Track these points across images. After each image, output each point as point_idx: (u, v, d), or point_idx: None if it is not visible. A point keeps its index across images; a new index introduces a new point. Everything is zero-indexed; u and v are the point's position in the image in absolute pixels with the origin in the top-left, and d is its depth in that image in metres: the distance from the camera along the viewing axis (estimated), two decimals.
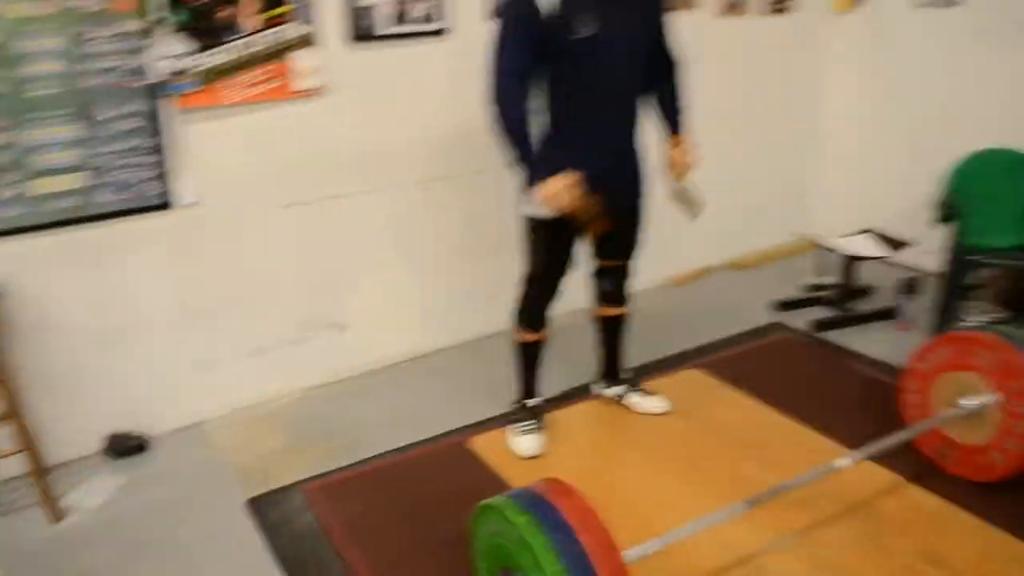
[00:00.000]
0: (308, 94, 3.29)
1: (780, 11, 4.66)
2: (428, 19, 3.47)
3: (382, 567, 2.46)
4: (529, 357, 3.10)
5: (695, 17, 4.26)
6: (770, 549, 2.50)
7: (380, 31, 3.36)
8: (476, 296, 3.95)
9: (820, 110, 5.10)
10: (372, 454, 3.05)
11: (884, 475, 2.83)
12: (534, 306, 3.00)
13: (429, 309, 3.87)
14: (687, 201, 2.93)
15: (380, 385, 3.63)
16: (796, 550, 2.50)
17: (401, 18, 3.40)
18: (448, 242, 3.82)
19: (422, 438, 3.15)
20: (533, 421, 3.07)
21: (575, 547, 1.79)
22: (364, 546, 2.55)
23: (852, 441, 2.82)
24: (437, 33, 3.51)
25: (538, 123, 2.70)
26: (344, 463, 3.00)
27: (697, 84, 3.03)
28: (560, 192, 2.55)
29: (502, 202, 3.78)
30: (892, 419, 2.96)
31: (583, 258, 3.02)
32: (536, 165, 2.60)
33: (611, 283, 3.12)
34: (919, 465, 2.88)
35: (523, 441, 3.01)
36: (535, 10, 2.51)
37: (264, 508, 2.77)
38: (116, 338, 3.12)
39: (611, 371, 3.33)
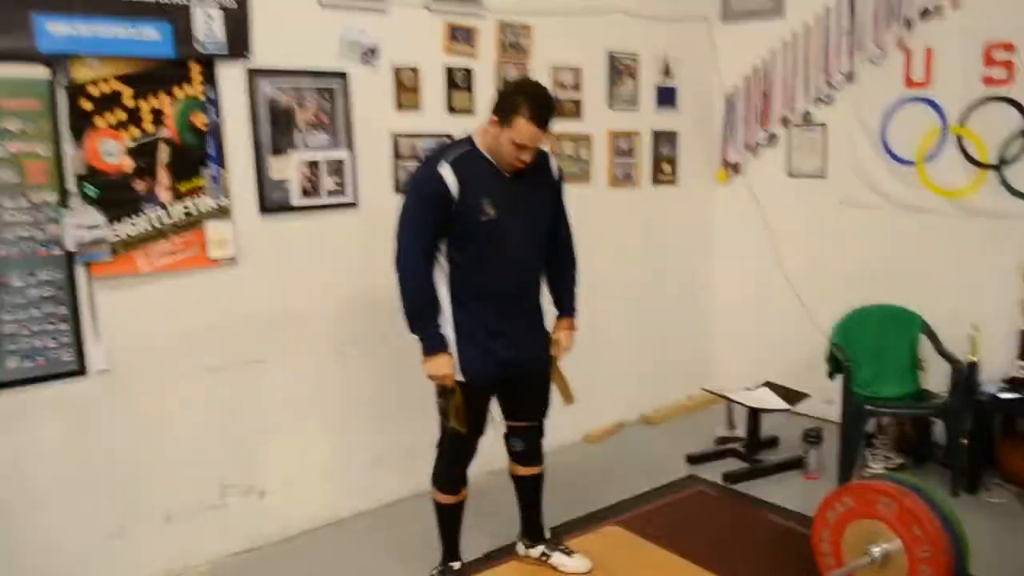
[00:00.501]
0: (222, 263, 3.32)
1: (666, 183, 5.01)
2: (338, 192, 3.59)
3: None
4: (449, 519, 3.10)
5: (590, 189, 4.54)
6: None
7: (292, 203, 3.46)
8: (394, 457, 3.94)
9: (712, 271, 5.43)
10: None
11: None
12: (450, 467, 3.05)
13: (347, 472, 3.82)
14: (563, 383, 3.12)
15: (299, 552, 3.53)
16: None
17: (312, 191, 3.52)
18: (364, 404, 3.83)
19: None
20: None
21: None
22: None
23: None
24: (346, 205, 3.63)
25: (440, 295, 2.86)
26: None
27: (598, 250, 3.23)
28: (442, 374, 2.78)
29: (415, 365, 3.83)
30: (808, 568, 3.02)
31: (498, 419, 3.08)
32: (426, 341, 2.79)
33: (523, 443, 3.18)
34: None
35: None
36: (441, 192, 2.71)
37: None
38: (20, 510, 2.96)
39: (532, 530, 3.33)
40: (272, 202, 3.42)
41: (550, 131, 2.77)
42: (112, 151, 3.04)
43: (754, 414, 4.40)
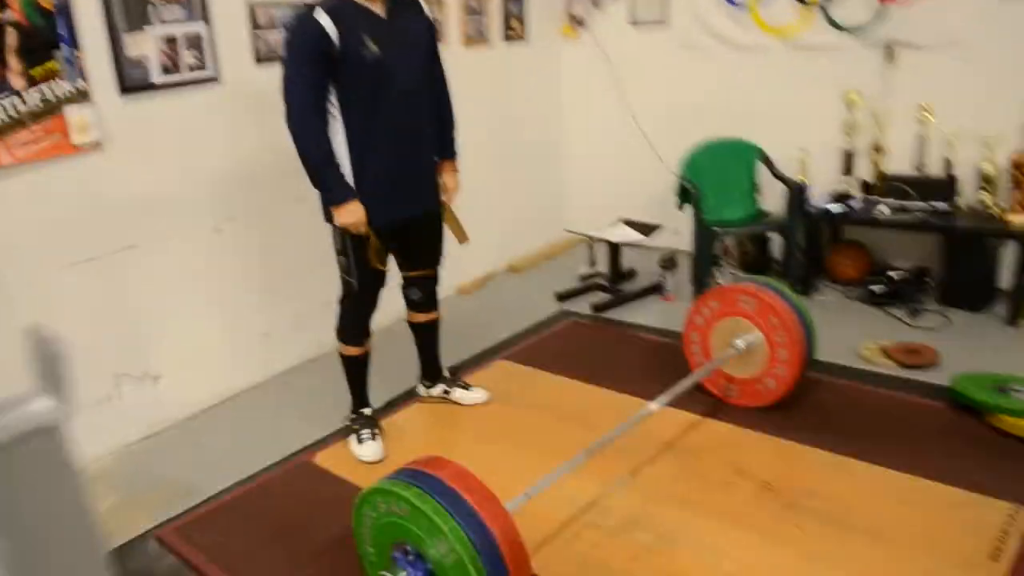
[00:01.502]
0: (87, 148, 3.21)
1: (516, 39, 5.13)
2: (198, 67, 3.50)
3: None
4: (356, 369, 3.24)
5: (445, 48, 4.59)
6: (610, 492, 2.83)
7: (153, 81, 3.36)
8: (283, 327, 4.02)
9: (564, 121, 5.66)
10: (217, 490, 3.04)
11: (686, 416, 3.28)
12: (354, 321, 3.17)
13: (239, 347, 3.88)
14: (456, 224, 3.26)
15: (204, 428, 3.59)
16: (631, 488, 2.85)
17: (172, 67, 3.41)
18: (247, 279, 3.85)
19: (265, 465, 3.18)
20: (370, 428, 3.21)
21: (464, 505, 1.99)
22: (236, 572, 2.57)
23: (653, 394, 3.17)
24: (208, 80, 3.55)
25: (337, 146, 2.88)
26: (190, 505, 2.97)
27: (456, 107, 3.32)
28: (355, 220, 2.83)
29: (294, 234, 3.92)
30: (680, 371, 3.40)
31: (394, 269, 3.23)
32: (335, 190, 2.82)
33: (420, 291, 3.34)
34: (711, 403, 3.37)
35: (365, 448, 3.14)
36: (321, 38, 2.70)
37: (118, 563, 2.70)
38: None
39: (432, 372, 3.55)
40: (132, 81, 3.29)
41: None
42: None
43: (614, 249, 4.76)
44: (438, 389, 3.55)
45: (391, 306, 3.45)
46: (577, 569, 2.46)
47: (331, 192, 2.84)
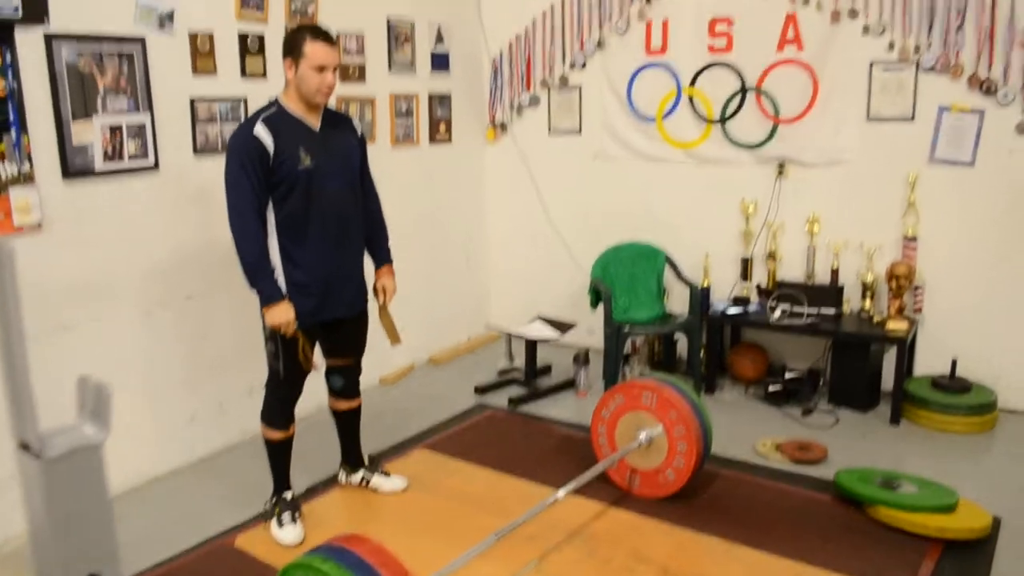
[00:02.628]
0: (28, 229, 3.33)
1: (442, 142, 5.45)
2: (140, 156, 3.68)
3: None
4: (279, 453, 3.37)
5: (375, 148, 4.87)
6: None
7: (95, 167, 3.52)
8: (208, 412, 4.10)
9: (486, 222, 5.96)
10: (136, 571, 3.08)
11: (591, 505, 3.47)
12: (279, 405, 3.31)
13: (164, 431, 3.93)
14: (391, 325, 3.49)
15: (126, 509, 3.57)
16: (538, 573, 3.00)
17: (114, 155, 3.58)
18: (175, 363, 3.95)
19: (185, 548, 3.23)
20: (291, 512, 3.30)
21: None
22: None
23: (563, 483, 3.38)
24: (149, 169, 3.73)
25: (272, 248, 3.11)
26: None
27: (383, 205, 3.57)
28: (283, 322, 3.04)
29: (222, 322, 4.05)
30: (589, 462, 3.61)
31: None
32: (266, 291, 3.04)
33: (342, 379, 3.51)
34: (616, 493, 3.57)
35: (285, 531, 3.24)
36: (258, 150, 2.98)
37: None
38: None
39: (353, 458, 3.68)
40: (75, 167, 3.46)
41: (338, 48, 3.10)
42: None
43: (531, 345, 4.99)
44: (358, 476, 3.67)
45: (316, 395, 3.60)
46: None
47: (262, 293, 3.04)
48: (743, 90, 4.89)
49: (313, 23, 3.07)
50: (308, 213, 3.10)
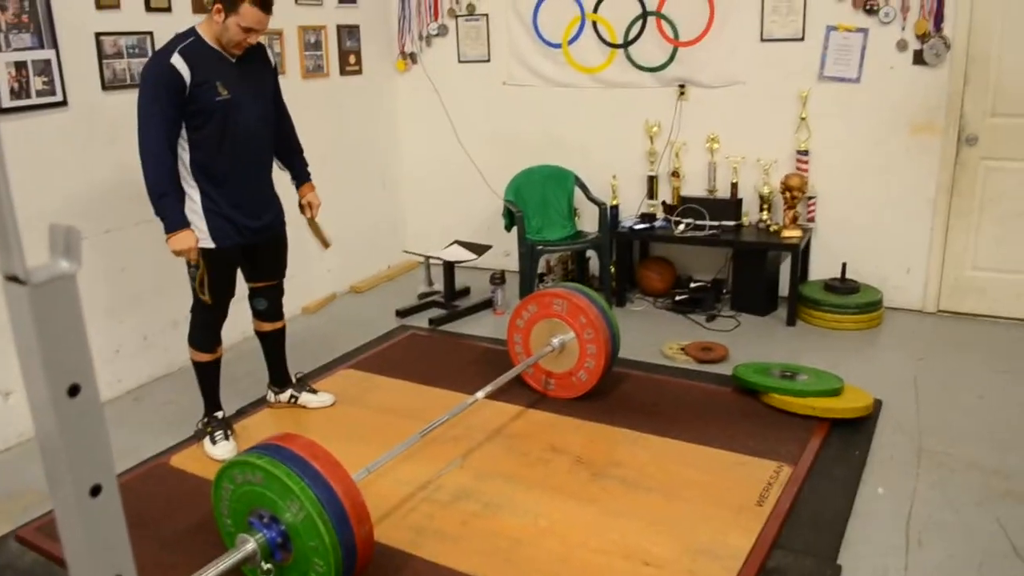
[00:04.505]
0: None
1: (353, 73, 5.50)
2: (47, 92, 3.66)
3: None
4: (208, 374, 3.49)
5: (285, 81, 4.90)
6: (442, 473, 3.19)
7: (1, 104, 3.50)
8: (132, 345, 4.16)
9: (400, 151, 6.05)
10: None
11: (510, 408, 3.70)
12: (204, 328, 3.43)
13: None
14: (320, 234, 3.64)
15: None
16: (461, 469, 3.22)
17: (21, 92, 3.56)
18: (97, 298, 4.00)
19: (122, 470, 3.34)
20: (223, 430, 3.45)
21: (311, 468, 2.31)
22: None
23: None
24: (56, 104, 3.72)
25: (185, 176, 3.19)
26: (50, 508, 3.10)
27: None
28: (185, 248, 3.13)
29: (141, 256, 4.10)
30: (506, 366, 3.82)
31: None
32: (168, 219, 3.12)
33: (265, 300, 3.63)
34: (533, 396, 3.81)
35: (219, 448, 3.38)
36: (174, 79, 3.02)
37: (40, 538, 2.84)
38: None
39: (280, 378, 3.82)
40: None
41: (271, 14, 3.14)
42: None
43: (449, 268, 5.16)
44: (286, 394, 3.82)
45: (241, 323, 3.70)
46: (414, 535, 2.80)
47: (165, 220, 3.12)
48: (644, 14, 5.06)
49: None
50: (223, 143, 3.17)
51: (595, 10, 5.18)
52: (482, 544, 2.74)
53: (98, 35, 3.84)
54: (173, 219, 3.12)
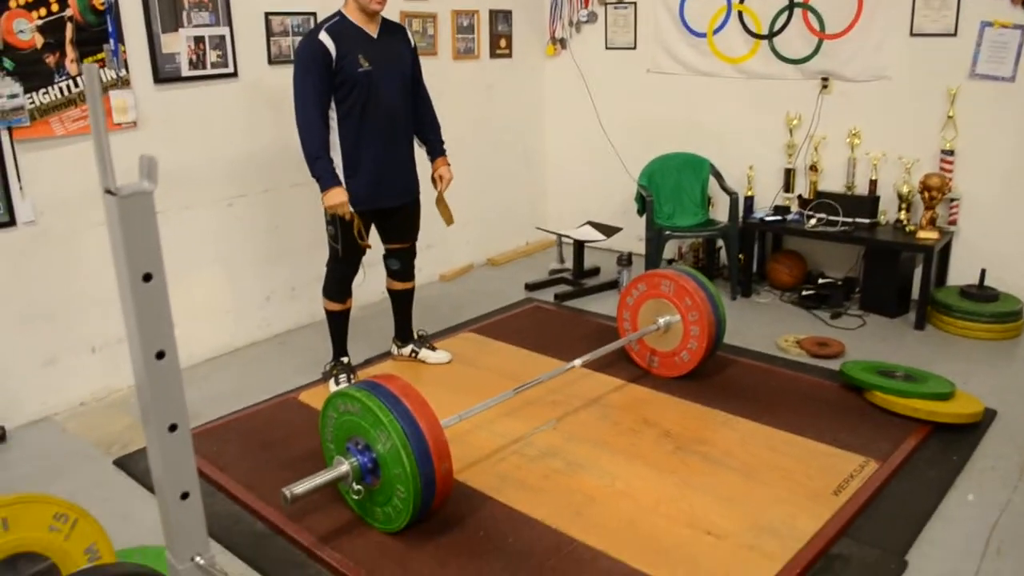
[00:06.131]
0: (125, 127, 3.86)
1: (503, 56, 5.78)
2: (220, 64, 4.15)
3: (245, 482, 3.11)
4: (338, 322, 3.88)
5: (437, 61, 5.25)
6: (536, 431, 3.43)
7: (182, 74, 4.01)
8: (281, 294, 4.64)
9: (543, 131, 6.31)
10: (217, 416, 3.66)
11: (613, 380, 3.89)
12: (338, 281, 3.81)
13: (242, 308, 4.50)
14: (446, 210, 3.93)
15: (210, 372, 4.22)
16: (554, 430, 3.45)
17: (198, 63, 4.06)
18: (252, 250, 4.48)
19: (257, 400, 3.79)
20: (347, 373, 3.83)
21: (400, 405, 2.60)
22: (228, 471, 3.18)
23: (590, 361, 3.79)
24: (228, 75, 4.20)
25: (334, 143, 3.55)
26: (194, 425, 3.57)
27: (445, 115, 3.99)
28: (337, 203, 3.47)
29: (293, 214, 4.55)
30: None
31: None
32: (323, 178, 3.47)
33: (398, 261, 3.97)
34: (637, 372, 3.97)
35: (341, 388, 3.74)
36: (322, 54, 3.40)
37: (131, 464, 3.31)
38: None
39: (404, 334, 4.17)
40: (165, 73, 3.95)
41: None
42: (24, 29, 3.49)
43: (579, 247, 5.36)
44: (407, 349, 4.16)
45: (377, 284, 4.07)
46: (498, 482, 3.05)
47: (320, 179, 3.49)
48: (790, 6, 5.05)
49: None
50: (365, 110, 3.52)
51: (741, 1, 5.21)
52: (559, 497, 2.96)
53: (267, 15, 4.29)
54: (327, 178, 3.47)
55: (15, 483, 3.22)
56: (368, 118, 3.54)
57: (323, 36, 3.41)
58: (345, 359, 3.90)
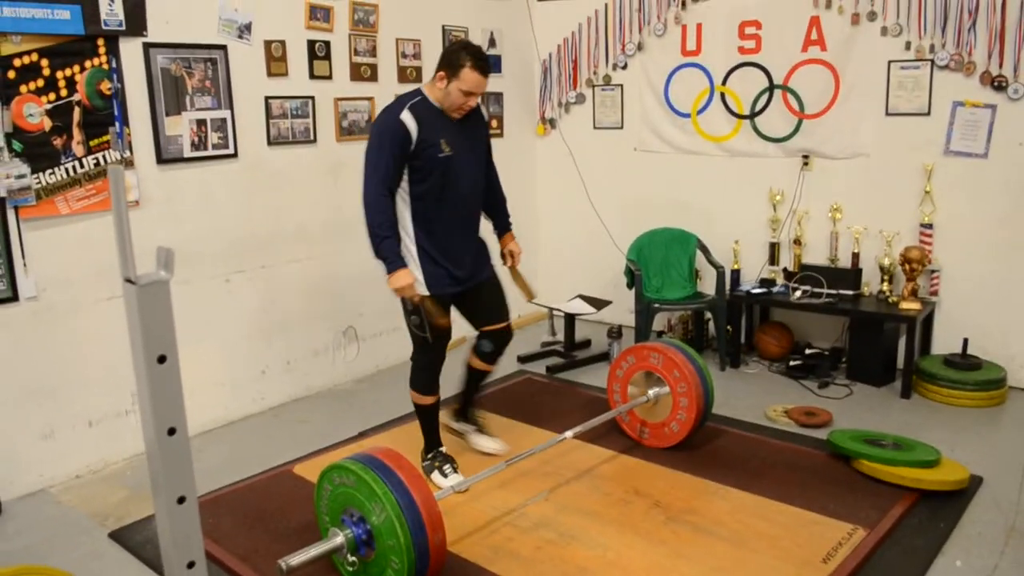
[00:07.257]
0: (128, 206, 3.96)
1: (495, 135, 5.97)
2: (221, 145, 4.31)
3: (240, 554, 3.14)
4: (429, 416, 3.75)
5: None
6: (528, 503, 3.47)
7: (184, 155, 4.16)
8: (276, 368, 4.72)
9: (535, 208, 6.48)
10: (212, 488, 3.69)
11: (604, 452, 3.95)
12: (423, 371, 3.67)
13: (238, 382, 4.56)
14: (524, 283, 3.90)
15: (204, 445, 4.25)
16: (546, 501, 3.49)
17: (200, 144, 4.22)
18: (249, 325, 4.57)
19: (252, 473, 3.83)
20: (449, 463, 3.70)
21: (395, 477, 2.66)
22: (223, 543, 3.21)
23: (581, 432, 3.85)
24: (229, 156, 4.35)
25: (404, 219, 3.43)
26: None
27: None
28: (405, 285, 3.32)
29: (289, 291, 4.66)
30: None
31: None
32: (389, 260, 3.31)
33: (492, 344, 3.81)
34: (628, 443, 4.03)
35: (450, 480, 3.59)
36: (403, 134, 3.29)
37: (126, 537, 3.34)
38: None
39: (466, 411, 4.08)
40: (168, 154, 4.10)
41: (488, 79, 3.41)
42: (34, 112, 3.65)
43: (570, 320, 5.46)
44: (462, 427, 4.05)
45: (371, 359, 4.13)
46: (491, 553, 3.09)
47: (387, 260, 3.32)
48: (771, 88, 5.26)
49: (475, 46, 3.39)
50: (442, 195, 3.41)
51: (724, 83, 5.43)
52: (551, 568, 3.00)
53: (267, 98, 4.47)
54: (393, 260, 3.30)
55: (12, 554, 3.24)
56: (446, 202, 3.43)
57: (405, 115, 3.29)
58: (443, 448, 3.79)
